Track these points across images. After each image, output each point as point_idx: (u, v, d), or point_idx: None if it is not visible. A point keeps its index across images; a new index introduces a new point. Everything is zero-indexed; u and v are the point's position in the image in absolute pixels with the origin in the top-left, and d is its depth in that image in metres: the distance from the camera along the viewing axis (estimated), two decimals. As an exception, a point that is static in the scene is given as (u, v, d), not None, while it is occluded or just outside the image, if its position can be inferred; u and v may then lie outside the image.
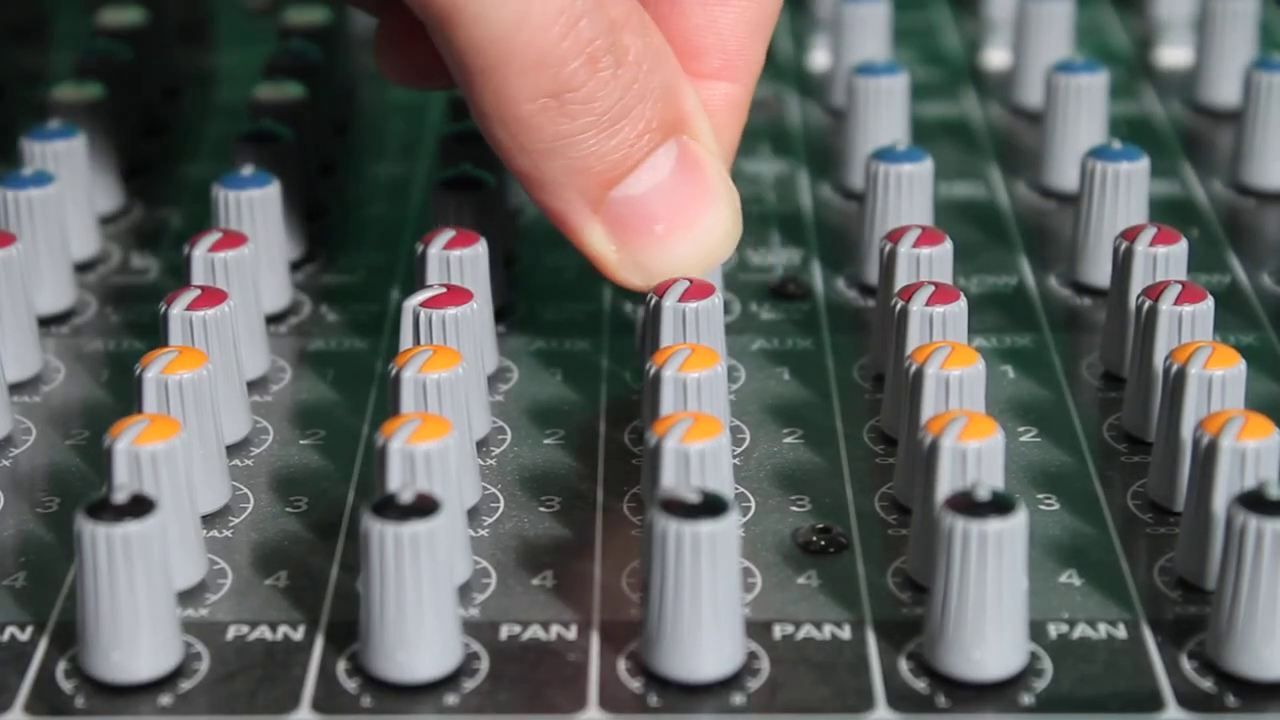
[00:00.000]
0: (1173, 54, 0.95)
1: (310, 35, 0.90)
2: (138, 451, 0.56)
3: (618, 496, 0.62)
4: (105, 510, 0.53)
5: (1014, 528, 0.53)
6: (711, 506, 0.53)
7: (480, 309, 0.66)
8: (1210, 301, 0.64)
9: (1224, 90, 0.89)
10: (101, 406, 0.68)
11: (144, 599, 0.53)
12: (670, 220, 0.64)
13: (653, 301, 0.64)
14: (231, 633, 0.56)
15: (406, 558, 0.52)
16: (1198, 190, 0.82)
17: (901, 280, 0.68)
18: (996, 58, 0.95)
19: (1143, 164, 0.74)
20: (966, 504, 0.53)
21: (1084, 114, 0.81)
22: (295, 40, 0.89)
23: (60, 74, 0.92)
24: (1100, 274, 0.73)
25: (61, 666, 0.55)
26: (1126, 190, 0.73)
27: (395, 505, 0.53)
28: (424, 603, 0.53)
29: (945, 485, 0.56)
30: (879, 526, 0.61)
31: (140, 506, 0.53)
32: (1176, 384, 0.60)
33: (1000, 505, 0.53)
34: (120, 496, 0.53)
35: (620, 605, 0.57)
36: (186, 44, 0.99)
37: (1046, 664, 0.54)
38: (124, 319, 0.74)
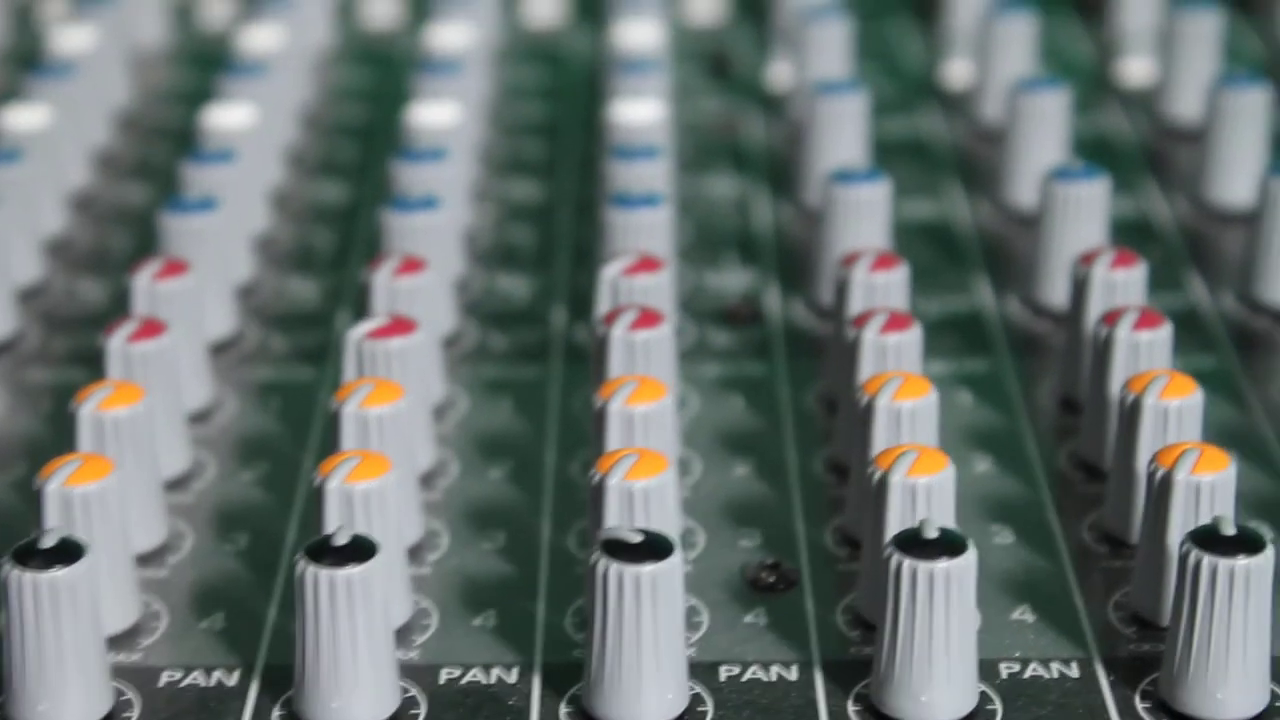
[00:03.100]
0: (1137, 68, 0.94)
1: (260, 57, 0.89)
2: (69, 493, 0.55)
3: (564, 531, 0.61)
4: (32, 556, 0.52)
5: (963, 567, 0.51)
6: (654, 547, 0.51)
7: (426, 339, 0.65)
8: (1168, 328, 0.63)
9: (1187, 106, 0.88)
10: (42, 441, 0.67)
11: (71, 647, 0.51)
12: None
13: (601, 331, 0.63)
14: (164, 678, 0.55)
15: (341, 602, 0.51)
16: (1161, 208, 0.81)
17: (856, 306, 0.67)
18: (959, 73, 0.94)
19: (1103, 184, 0.73)
20: (914, 542, 0.52)
21: (1046, 132, 0.80)
22: (245, 63, 0.88)
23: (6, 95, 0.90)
24: (1060, 296, 0.72)
25: (-10, 715, 0.54)
26: (1087, 211, 0.72)
27: (330, 548, 0.52)
28: (359, 648, 0.52)
29: (894, 522, 0.55)
30: (830, 561, 0.59)
31: (69, 551, 0.52)
32: (1132, 414, 0.59)
33: (949, 544, 0.52)
34: (48, 541, 0.52)
35: (563, 647, 0.56)
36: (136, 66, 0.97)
37: (997, 705, 0.53)
38: (68, 348, 0.72)
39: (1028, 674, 0.54)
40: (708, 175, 0.85)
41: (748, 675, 0.55)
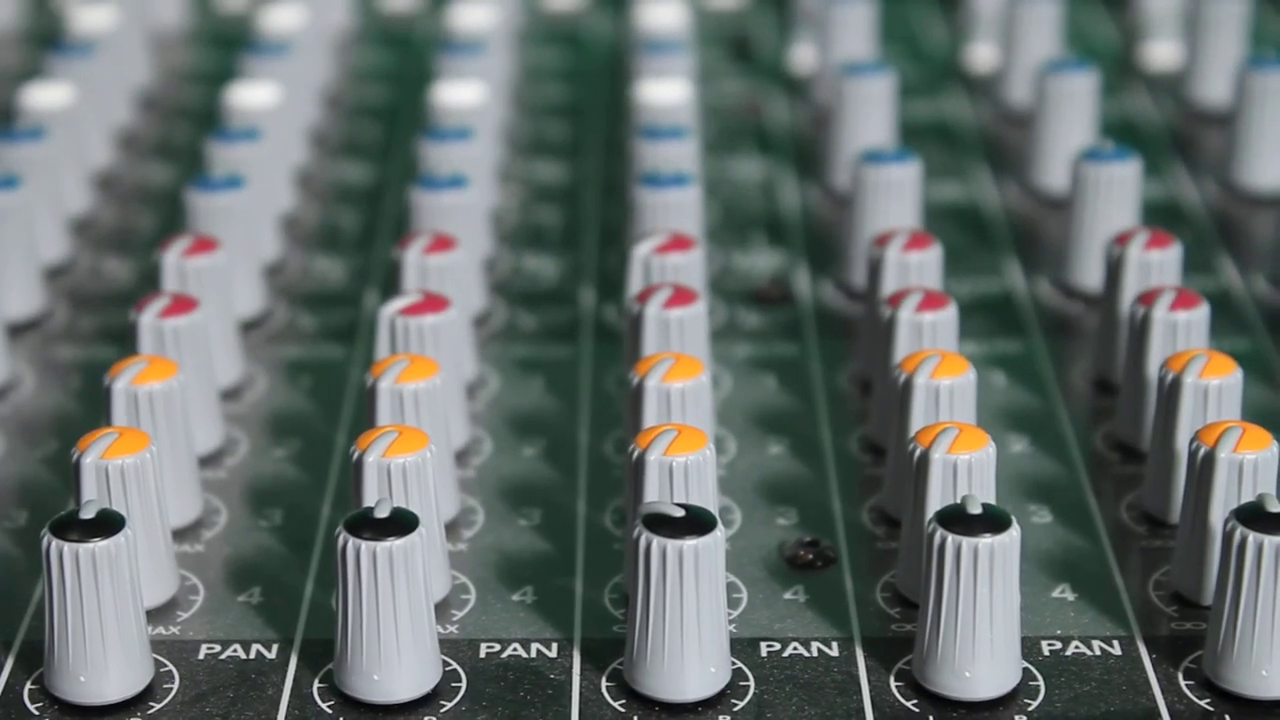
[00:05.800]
0: (1161, 52, 0.94)
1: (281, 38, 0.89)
2: (106, 466, 0.55)
3: (599, 509, 0.61)
4: (72, 527, 0.51)
5: (1006, 543, 0.51)
6: (696, 522, 0.51)
7: (459, 316, 0.65)
8: (1205, 308, 0.63)
9: (1214, 89, 0.87)
10: (72, 417, 0.66)
11: (112, 618, 0.51)
12: None
13: (635, 309, 0.63)
14: (203, 652, 0.55)
15: (383, 575, 0.51)
16: (1189, 191, 0.81)
17: (890, 285, 0.66)
18: (983, 56, 0.94)
19: (1134, 166, 0.72)
20: (957, 518, 0.52)
21: (1074, 115, 0.80)
22: (267, 43, 0.87)
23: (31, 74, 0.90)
24: (1092, 278, 0.72)
25: (28, 688, 0.53)
26: (1119, 193, 0.72)
27: (371, 521, 0.51)
28: (401, 621, 0.51)
29: (935, 499, 0.55)
30: (867, 539, 0.59)
31: (108, 523, 0.51)
32: (1171, 393, 0.59)
33: (992, 520, 0.51)
34: (88, 513, 0.52)
35: (602, 622, 0.56)
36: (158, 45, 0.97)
37: (1040, 682, 0.53)
38: (95, 325, 0.72)
39: (1069, 651, 0.54)
40: (733, 157, 0.85)
41: (789, 651, 0.54)
